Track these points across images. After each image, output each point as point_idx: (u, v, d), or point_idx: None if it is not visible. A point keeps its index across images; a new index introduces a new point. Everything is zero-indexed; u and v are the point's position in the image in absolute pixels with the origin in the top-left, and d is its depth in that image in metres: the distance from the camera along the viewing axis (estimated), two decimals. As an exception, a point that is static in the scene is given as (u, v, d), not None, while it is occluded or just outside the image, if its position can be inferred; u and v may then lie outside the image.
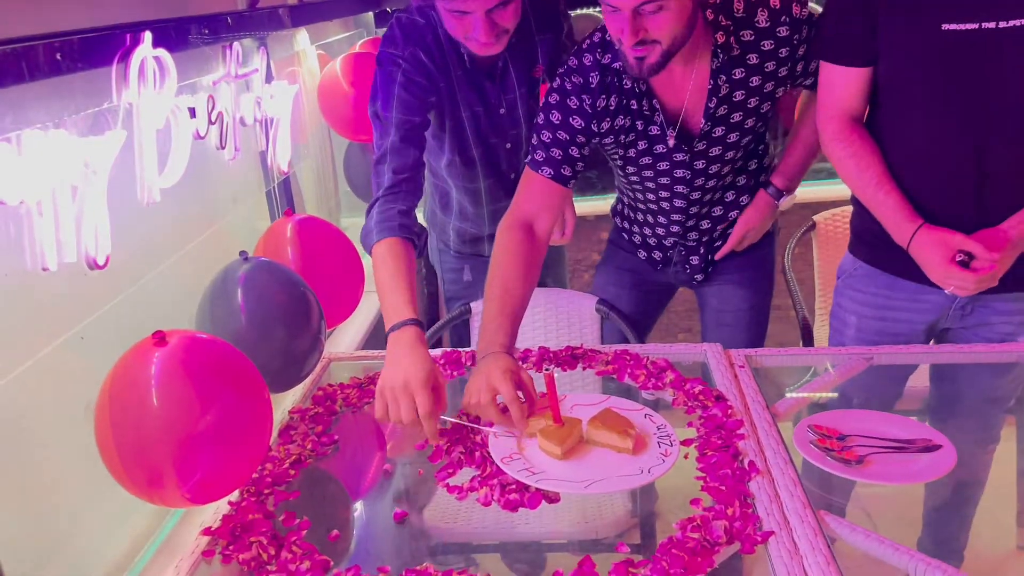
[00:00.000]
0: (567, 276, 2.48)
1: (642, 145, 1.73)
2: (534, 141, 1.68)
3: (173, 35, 1.42)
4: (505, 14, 1.57)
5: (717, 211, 1.90)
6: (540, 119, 1.66)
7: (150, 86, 1.29)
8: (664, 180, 1.80)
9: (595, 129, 1.65)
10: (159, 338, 1.15)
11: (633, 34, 1.42)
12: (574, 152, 1.66)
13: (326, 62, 2.50)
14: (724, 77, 1.62)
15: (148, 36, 1.28)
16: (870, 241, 1.71)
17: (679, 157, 1.73)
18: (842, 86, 1.60)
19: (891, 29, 1.51)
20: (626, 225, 2.03)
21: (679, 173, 1.77)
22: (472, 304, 2.11)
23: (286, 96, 1.96)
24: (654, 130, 1.69)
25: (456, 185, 1.99)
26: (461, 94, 1.78)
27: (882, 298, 1.76)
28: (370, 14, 3.12)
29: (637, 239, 2.01)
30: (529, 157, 1.69)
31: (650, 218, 1.93)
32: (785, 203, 1.89)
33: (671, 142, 1.70)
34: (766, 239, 1.99)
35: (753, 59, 1.61)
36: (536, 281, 1.66)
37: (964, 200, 1.55)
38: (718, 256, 1.95)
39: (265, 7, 2.02)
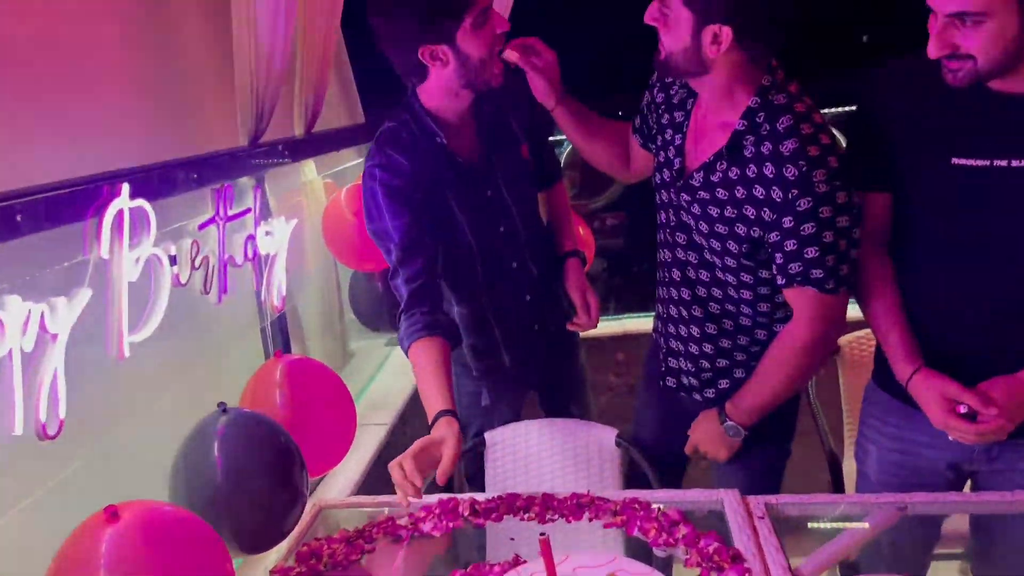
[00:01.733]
0: (592, 401, 2.35)
1: (666, 175, 1.70)
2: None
3: (157, 182, 1.39)
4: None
5: (714, 307, 1.73)
6: None
7: (126, 239, 1.24)
8: (669, 215, 1.72)
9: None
10: (111, 513, 1.06)
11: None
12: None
13: (336, 191, 2.49)
14: (729, 161, 1.55)
15: (125, 188, 1.25)
16: (889, 369, 1.61)
17: (685, 198, 1.65)
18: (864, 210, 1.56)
19: (903, 160, 1.48)
20: (656, 339, 1.92)
21: (684, 217, 1.68)
22: (487, 435, 2.00)
23: (282, 232, 1.92)
24: (672, 153, 1.67)
25: (453, 284, 1.90)
26: (444, 181, 1.75)
27: (903, 430, 1.65)
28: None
29: (662, 358, 1.90)
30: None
31: (663, 291, 1.82)
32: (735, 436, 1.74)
33: (676, 163, 1.66)
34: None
35: (769, 169, 1.50)
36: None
37: (976, 338, 1.48)
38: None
39: (267, 142, 2.02)
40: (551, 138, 2.14)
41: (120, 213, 1.24)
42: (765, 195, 1.50)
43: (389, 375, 2.93)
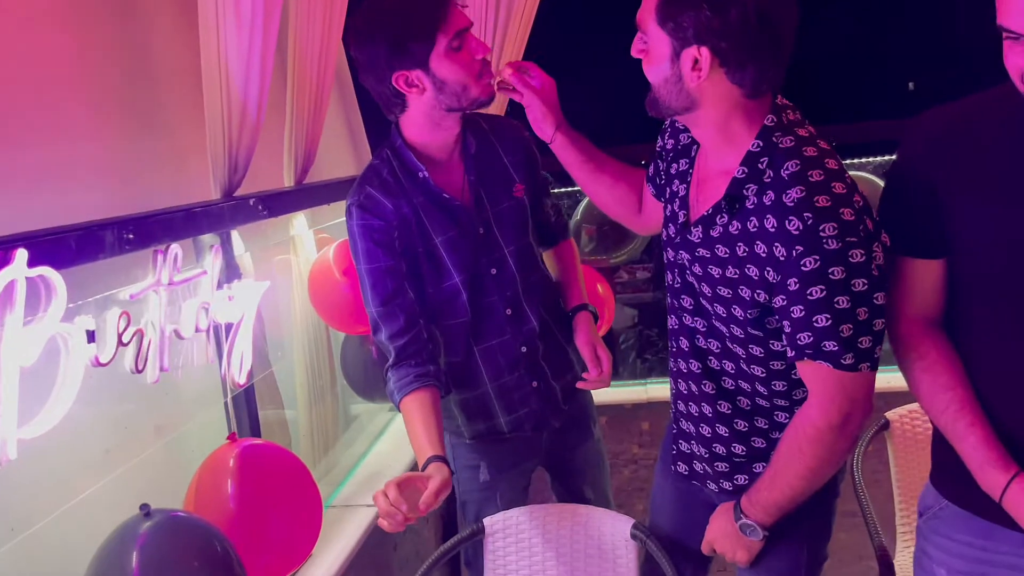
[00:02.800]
0: (608, 483, 2.11)
1: (671, 230, 1.51)
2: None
3: (75, 245, 1.20)
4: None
5: (728, 383, 1.51)
6: None
7: (18, 315, 1.05)
8: (675, 275, 1.52)
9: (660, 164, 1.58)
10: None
11: None
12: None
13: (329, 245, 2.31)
14: (728, 216, 1.35)
15: (20, 255, 1.06)
16: (957, 473, 1.33)
17: (686, 256, 1.46)
18: (910, 281, 1.33)
19: (958, 215, 1.25)
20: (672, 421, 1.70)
21: (688, 278, 1.48)
22: (487, 521, 1.80)
23: (249, 296, 1.73)
24: (677, 205, 1.50)
25: (440, 330, 1.75)
26: (429, 219, 1.68)
27: (978, 550, 1.35)
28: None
29: (674, 440, 1.66)
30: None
31: (672, 363, 1.60)
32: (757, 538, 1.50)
33: (680, 216, 1.47)
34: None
35: (771, 221, 1.30)
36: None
37: None
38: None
39: (241, 196, 1.85)
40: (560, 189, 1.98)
41: (13, 285, 1.04)
42: (768, 252, 1.29)
43: (391, 442, 2.71)
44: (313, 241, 2.34)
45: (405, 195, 1.66)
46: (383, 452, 2.64)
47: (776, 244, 1.27)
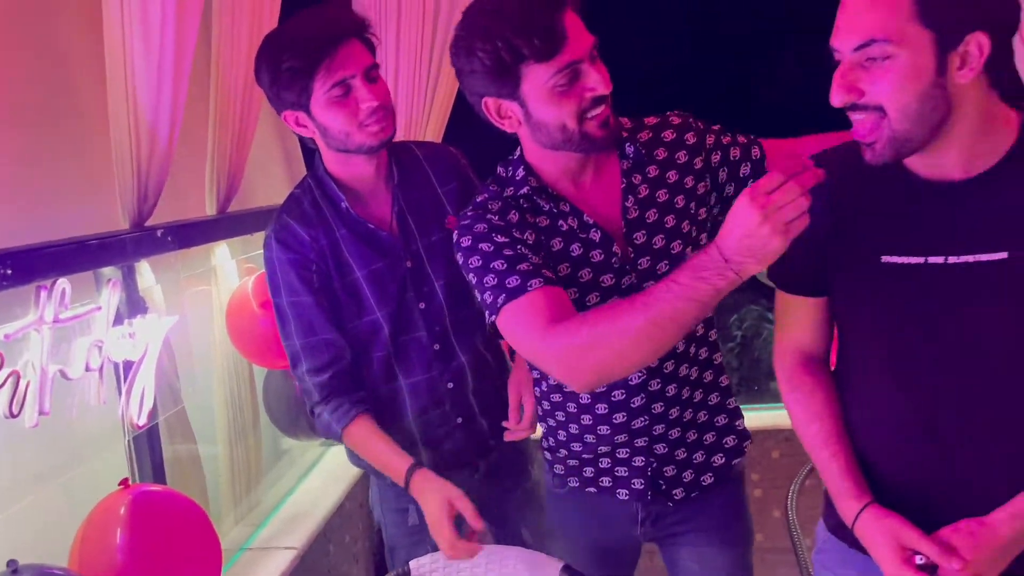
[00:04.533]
0: (538, 507, 2.05)
1: (585, 275, 1.41)
2: (488, 284, 1.34)
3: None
4: (383, 86, 1.55)
5: (685, 393, 1.52)
6: (471, 269, 1.37)
7: None
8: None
9: (521, 237, 1.38)
10: None
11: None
12: (535, 259, 1.35)
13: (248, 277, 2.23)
14: (639, 175, 1.43)
15: None
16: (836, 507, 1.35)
17: (626, 282, 1.42)
18: (793, 318, 1.38)
19: (835, 260, 1.27)
20: (564, 460, 1.63)
21: (640, 273, 1.43)
22: (413, 564, 1.68)
23: (151, 332, 1.65)
24: (597, 255, 1.41)
25: (365, 362, 1.69)
26: (350, 252, 1.63)
27: None
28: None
29: (588, 471, 1.61)
30: (498, 303, 1.32)
31: (602, 428, 1.53)
32: None
33: (617, 252, 1.41)
34: (733, 474, 1.62)
35: (661, 153, 1.45)
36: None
37: (925, 464, 1.23)
38: None
39: (150, 226, 1.77)
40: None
41: None
42: (687, 156, 1.46)
43: (319, 479, 2.62)
44: (236, 271, 2.26)
45: (324, 226, 1.61)
46: (312, 489, 2.55)
47: (695, 161, 1.44)
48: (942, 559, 1.15)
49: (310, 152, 1.71)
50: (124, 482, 1.45)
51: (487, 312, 1.35)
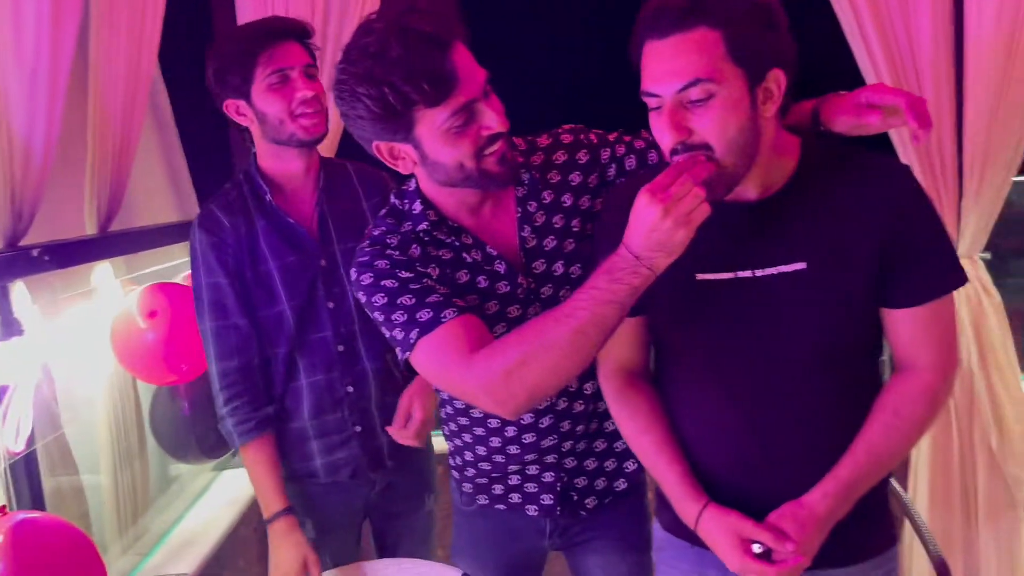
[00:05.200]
0: (434, 533, 2.05)
1: (492, 307, 1.42)
2: (397, 321, 1.32)
3: None
4: (319, 85, 1.65)
5: (590, 407, 1.55)
6: (377, 307, 1.35)
7: None
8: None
9: (425, 271, 1.38)
10: None
11: (502, 120, 1.34)
12: (443, 290, 1.34)
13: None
14: (534, 203, 1.44)
15: None
16: (671, 507, 1.42)
17: (532, 312, 1.43)
18: (614, 338, 1.33)
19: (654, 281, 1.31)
20: (473, 479, 1.65)
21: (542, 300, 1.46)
22: None
23: (30, 355, 1.58)
24: (503, 287, 1.42)
25: (271, 357, 1.74)
26: (268, 243, 1.71)
27: (696, 575, 1.43)
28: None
29: (498, 488, 1.63)
30: (411, 338, 1.30)
31: (511, 447, 1.55)
32: None
33: (522, 283, 1.42)
34: (638, 483, 1.66)
35: (555, 177, 1.46)
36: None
37: (748, 458, 1.32)
38: None
39: (25, 246, 1.71)
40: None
41: None
42: (581, 177, 1.48)
43: (210, 505, 2.55)
44: (120, 291, 2.19)
45: (245, 216, 1.70)
46: (203, 515, 2.48)
47: (589, 179, 1.46)
48: (776, 544, 1.24)
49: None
50: (1, 509, 1.39)
51: (399, 350, 1.33)
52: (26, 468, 1.61)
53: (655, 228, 1.14)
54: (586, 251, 1.46)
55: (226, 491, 2.61)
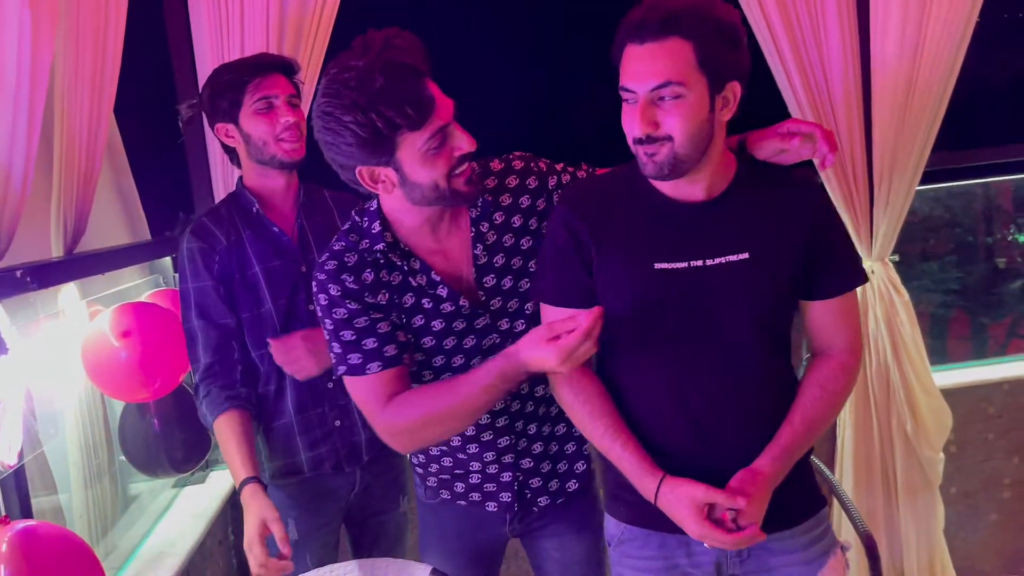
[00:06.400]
0: (407, 534, 2.16)
1: (437, 325, 1.57)
2: (335, 349, 1.54)
3: None
4: (301, 113, 1.81)
5: (542, 410, 1.69)
6: (325, 328, 1.55)
7: None
8: (475, 360, 1.59)
9: (374, 301, 1.54)
10: None
11: (471, 141, 1.49)
12: (383, 328, 1.53)
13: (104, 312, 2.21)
14: (486, 223, 1.58)
15: None
16: (630, 499, 1.55)
17: (480, 323, 1.59)
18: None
19: (608, 270, 1.51)
20: (436, 475, 1.77)
21: (487, 342, 1.60)
22: None
23: (18, 372, 1.64)
24: (447, 307, 1.56)
25: (258, 356, 1.88)
26: (253, 249, 1.87)
27: (660, 559, 1.58)
28: (168, 260, 2.89)
29: (459, 487, 1.74)
30: (339, 369, 1.55)
31: (470, 447, 1.68)
32: None
33: (464, 304, 1.57)
34: (587, 474, 1.79)
35: (506, 199, 1.61)
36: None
37: (700, 442, 1.49)
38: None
39: (4, 268, 1.76)
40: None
41: None
42: (530, 200, 1.63)
43: (176, 520, 2.58)
44: (85, 312, 2.23)
45: (233, 226, 1.87)
46: (168, 531, 2.51)
47: (538, 203, 1.62)
48: (730, 501, 1.39)
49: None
50: (3, 519, 1.44)
51: (334, 366, 1.56)
52: (15, 482, 1.66)
53: (545, 365, 1.38)
54: (533, 268, 1.62)
55: (189, 506, 2.64)
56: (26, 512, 1.69)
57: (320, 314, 1.55)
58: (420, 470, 1.79)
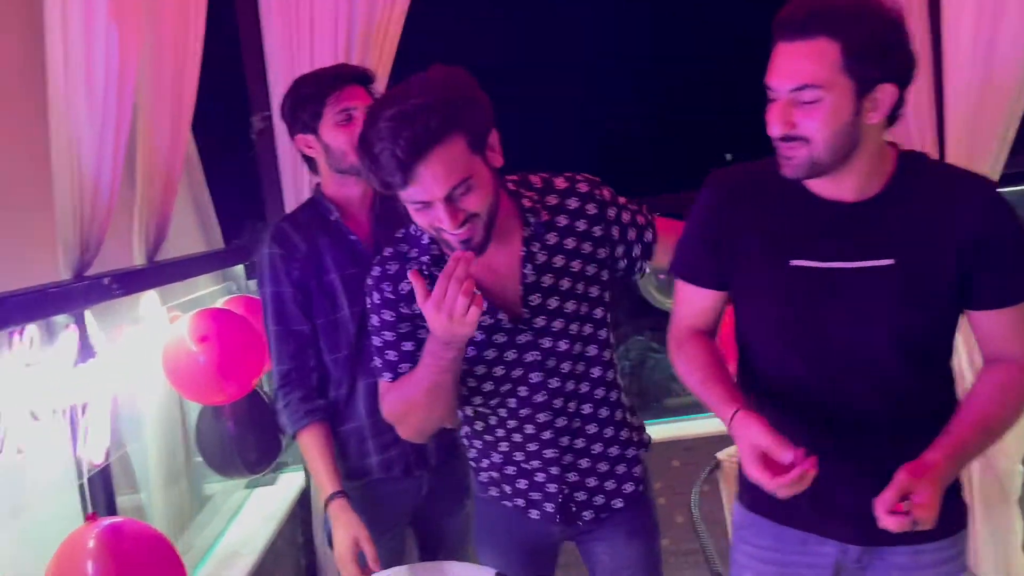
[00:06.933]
0: (471, 535, 2.17)
1: (477, 336, 1.58)
2: (372, 344, 1.65)
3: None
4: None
5: (590, 428, 1.69)
6: (368, 324, 1.66)
7: None
8: (517, 372, 1.62)
9: (409, 312, 1.57)
10: None
11: (453, 219, 1.40)
12: (407, 346, 1.60)
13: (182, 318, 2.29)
14: (538, 244, 1.58)
15: None
16: (752, 486, 1.52)
17: (522, 339, 1.60)
18: (692, 304, 1.58)
19: (743, 260, 1.49)
20: (487, 471, 1.78)
21: (529, 357, 1.61)
22: None
23: (105, 375, 1.72)
24: (486, 320, 1.57)
25: (332, 361, 1.93)
26: (331, 256, 1.90)
27: (773, 551, 1.57)
28: (241, 268, 2.98)
29: (507, 488, 1.76)
30: (373, 363, 1.67)
31: (516, 454, 1.70)
32: None
33: (503, 318, 1.58)
34: (643, 481, 1.79)
35: (562, 221, 1.60)
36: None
37: (826, 444, 1.41)
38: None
39: (93, 275, 1.84)
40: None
41: None
42: (587, 225, 1.62)
43: (248, 521, 2.66)
44: (166, 317, 2.32)
45: (311, 232, 1.91)
46: (241, 531, 2.59)
47: (594, 230, 1.61)
48: (781, 453, 1.30)
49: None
50: (91, 516, 1.51)
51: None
52: (102, 480, 1.74)
53: (443, 329, 1.38)
54: (581, 289, 1.62)
55: (261, 507, 2.73)
56: (111, 509, 1.77)
57: (368, 313, 1.65)
58: (473, 464, 1.81)
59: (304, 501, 2.77)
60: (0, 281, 1.58)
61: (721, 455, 2.34)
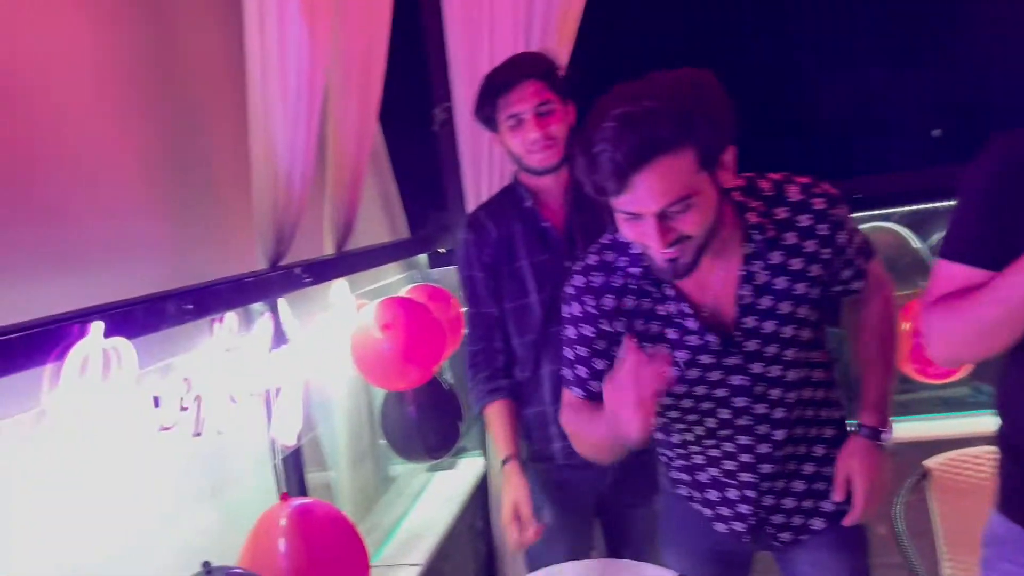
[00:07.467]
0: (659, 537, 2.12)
1: (682, 356, 1.47)
2: (563, 355, 1.59)
3: (142, 317, 1.28)
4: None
5: (801, 449, 1.57)
6: (562, 333, 1.59)
7: (96, 382, 1.12)
8: (721, 393, 1.51)
9: (609, 329, 1.50)
10: None
11: (663, 238, 1.30)
12: (598, 364, 1.52)
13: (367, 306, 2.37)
14: (760, 263, 1.44)
15: (97, 327, 1.13)
16: (1022, 493, 1.36)
17: (730, 362, 1.47)
18: (953, 287, 1.31)
19: None
20: (678, 470, 1.70)
21: (736, 380, 1.49)
22: None
23: (299, 361, 1.80)
24: (693, 340, 1.46)
25: (518, 344, 2.00)
26: (523, 243, 1.96)
27: None
28: (424, 257, 3.05)
29: (696, 495, 1.68)
30: (561, 374, 1.63)
31: (711, 469, 1.61)
32: (886, 441, 1.58)
33: (712, 339, 1.45)
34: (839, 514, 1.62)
35: (790, 239, 1.44)
36: None
37: None
38: (846, 522, 1.58)
39: (286, 265, 1.93)
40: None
41: (87, 359, 1.11)
42: (817, 246, 1.46)
43: (430, 503, 2.74)
44: (354, 306, 2.41)
45: (505, 219, 1.98)
46: (423, 513, 2.67)
47: (823, 252, 1.45)
48: None
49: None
50: (284, 496, 1.59)
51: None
52: (294, 461, 1.82)
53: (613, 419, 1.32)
54: (802, 313, 1.48)
55: (442, 490, 2.79)
56: (301, 490, 1.85)
57: (562, 320, 1.57)
58: (663, 459, 1.73)
59: (484, 487, 2.81)
60: (206, 271, 1.70)
61: (930, 463, 2.16)
